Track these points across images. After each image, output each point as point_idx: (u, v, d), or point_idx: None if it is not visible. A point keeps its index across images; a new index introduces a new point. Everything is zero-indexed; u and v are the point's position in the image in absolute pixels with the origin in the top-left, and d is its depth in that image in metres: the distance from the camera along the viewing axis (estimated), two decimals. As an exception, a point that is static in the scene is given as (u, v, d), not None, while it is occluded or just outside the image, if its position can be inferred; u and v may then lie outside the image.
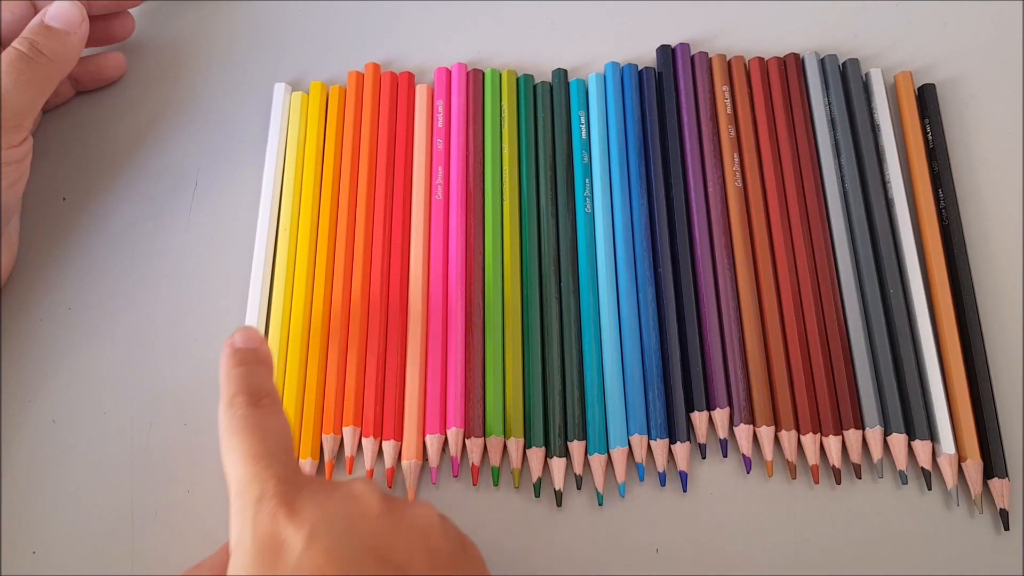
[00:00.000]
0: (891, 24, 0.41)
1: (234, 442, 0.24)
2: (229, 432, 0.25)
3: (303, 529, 0.22)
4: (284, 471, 0.24)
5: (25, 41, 0.32)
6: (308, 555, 0.22)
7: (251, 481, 0.23)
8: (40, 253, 0.36)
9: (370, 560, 0.22)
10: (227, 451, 0.24)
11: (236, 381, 0.26)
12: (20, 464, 0.32)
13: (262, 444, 0.24)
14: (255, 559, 0.22)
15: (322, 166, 0.36)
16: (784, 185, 0.36)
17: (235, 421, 0.25)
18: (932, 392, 0.32)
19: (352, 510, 0.23)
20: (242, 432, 0.24)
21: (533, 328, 0.33)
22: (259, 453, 0.24)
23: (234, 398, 0.25)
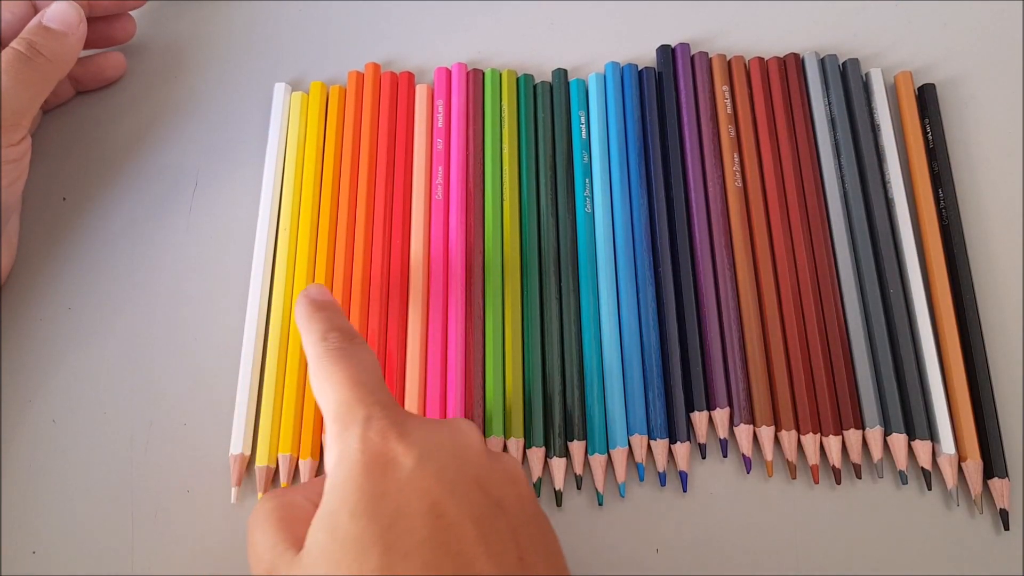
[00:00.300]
0: (891, 24, 0.41)
1: (332, 369, 0.25)
2: (326, 361, 0.26)
3: (413, 450, 0.23)
4: (387, 399, 0.25)
5: (23, 41, 0.32)
6: (418, 473, 0.23)
7: (356, 404, 0.24)
8: (40, 253, 0.36)
9: (474, 489, 0.23)
10: (323, 378, 0.25)
11: (326, 320, 0.27)
12: (20, 464, 0.32)
13: (363, 373, 0.25)
14: (365, 471, 0.23)
15: (322, 166, 0.36)
16: (784, 185, 0.36)
17: (332, 352, 0.26)
18: (932, 392, 0.32)
19: (458, 442, 0.24)
20: (341, 361, 0.25)
21: (533, 328, 0.33)
22: (361, 380, 0.25)
23: (327, 333, 0.27)
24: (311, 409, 0.32)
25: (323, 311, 0.28)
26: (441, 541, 0.22)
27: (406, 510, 0.22)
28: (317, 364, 0.26)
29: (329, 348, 0.26)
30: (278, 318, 0.33)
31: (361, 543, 0.22)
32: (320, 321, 0.27)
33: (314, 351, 0.26)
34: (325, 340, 0.26)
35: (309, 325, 0.27)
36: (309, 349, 0.27)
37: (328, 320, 0.27)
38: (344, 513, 0.22)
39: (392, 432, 0.23)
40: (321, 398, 0.25)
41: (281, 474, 0.31)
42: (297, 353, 0.33)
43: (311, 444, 0.31)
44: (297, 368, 0.32)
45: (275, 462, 0.31)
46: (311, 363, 0.26)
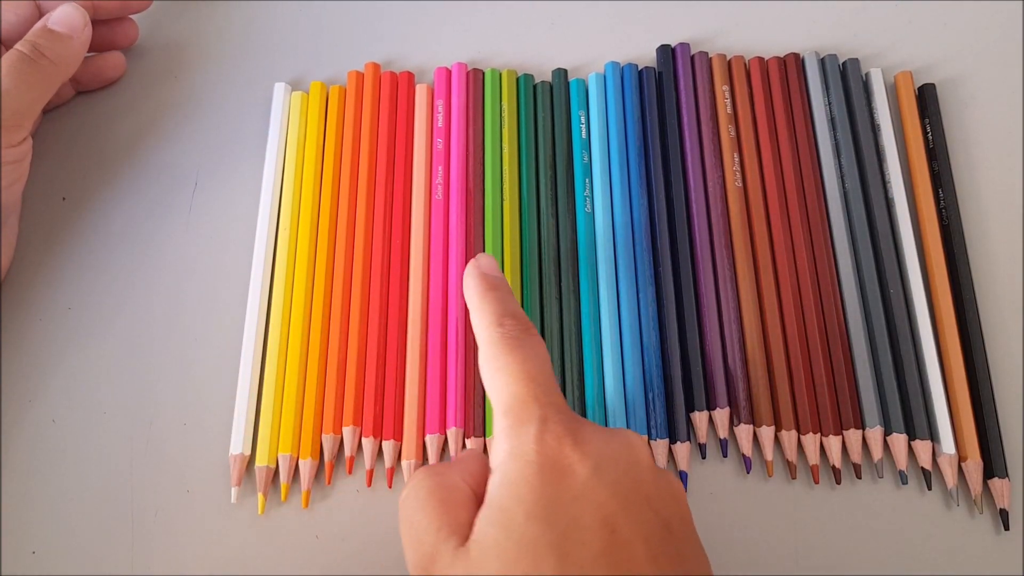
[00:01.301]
0: (891, 24, 0.41)
1: (509, 359, 0.25)
2: (503, 349, 0.25)
3: (588, 460, 0.23)
4: (561, 402, 0.24)
5: (28, 44, 0.33)
6: (593, 484, 0.22)
7: (530, 402, 0.24)
8: (40, 253, 0.36)
9: (645, 507, 0.23)
10: (497, 367, 0.25)
11: (502, 303, 0.26)
12: (20, 464, 0.32)
13: (539, 369, 0.25)
14: (540, 474, 0.22)
15: (322, 166, 0.36)
16: (784, 185, 0.36)
17: (510, 340, 0.25)
18: (932, 392, 0.32)
19: (629, 457, 0.24)
20: (519, 352, 0.25)
21: (533, 328, 0.33)
22: (537, 377, 0.24)
23: (503, 319, 0.26)
24: (311, 409, 0.32)
25: (496, 291, 0.27)
26: (614, 558, 0.21)
27: (581, 521, 0.22)
28: (492, 349, 0.25)
29: (505, 335, 0.25)
30: (278, 318, 0.33)
31: (536, 547, 0.21)
32: (495, 303, 0.26)
33: (487, 335, 0.26)
34: (501, 326, 0.26)
35: (482, 305, 0.27)
36: (482, 331, 0.26)
37: (503, 303, 0.27)
38: (519, 513, 0.22)
39: (568, 438, 0.23)
40: (491, 387, 0.25)
41: (281, 474, 0.31)
42: (296, 353, 0.33)
43: (311, 444, 0.31)
44: (297, 368, 0.32)
45: (275, 462, 0.31)
46: (483, 347, 0.26)
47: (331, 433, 0.32)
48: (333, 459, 0.32)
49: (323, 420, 0.32)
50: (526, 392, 0.24)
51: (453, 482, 0.24)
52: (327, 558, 0.30)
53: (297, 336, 0.33)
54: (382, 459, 0.32)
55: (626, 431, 0.25)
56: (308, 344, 0.33)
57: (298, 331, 0.33)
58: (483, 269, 0.28)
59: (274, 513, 0.31)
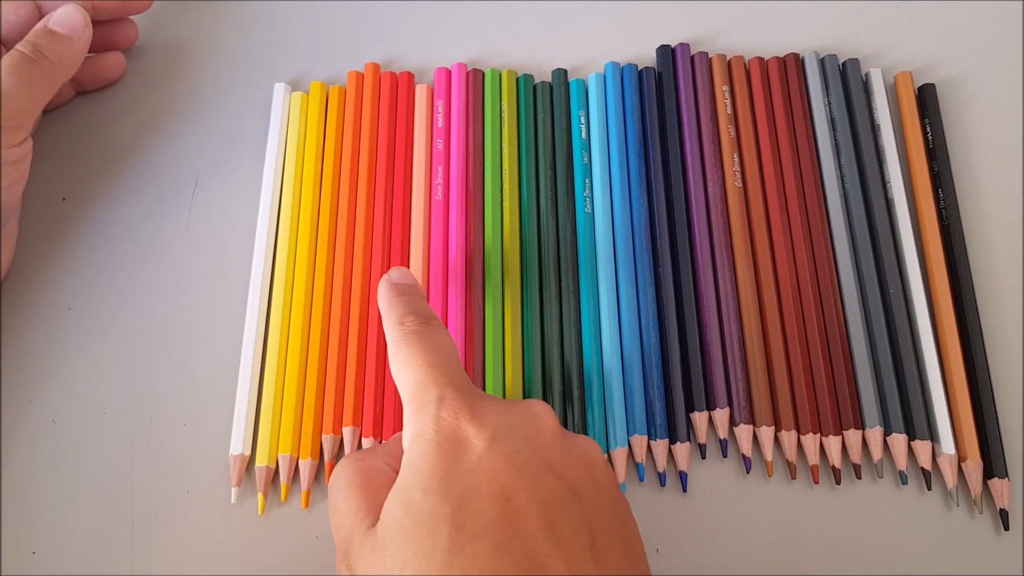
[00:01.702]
0: (891, 24, 0.41)
1: (408, 351, 0.26)
2: (403, 343, 0.26)
3: (484, 431, 0.24)
4: (461, 380, 0.25)
5: (28, 44, 0.33)
6: (489, 455, 0.23)
7: (430, 384, 0.25)
8: (40, 253, 0.36)
9: (545, 472, 0.23)
10: (400, 360, 0.26)
11: (404, 304, 0.28)
12: (20, 464, 0.32)
13: (438, 355, 0.26)
14: (438, 450, 0.23)
15: (322, 166, 0.36)
16: (784, 185, 0.36)
17: (409, 335, 0.27)
18: (932, 392, 0.32)
19: (530, 425, 0.25)
20: (417, 343, 0.26)
21: (533, 328, 0.33)
22: (436, 362, 0.26)
23: (404, 317, 0.27)
24: (311, 409, 0.32)
25: (402, 295, 0.29)
26: (509, 524, 0.22)
27: (476, 491, 0.23)
28: (395, 346, 0.27)
29: (406, 331, 0.27)
30: (278, 318, 0.33)
31: (432, 519, 0.22)
32: (398, 305, 0.28)
33: (392, 334, 0.27)
34: (402, 324, 0.27)
35: (389, 309, 0.28)
36: (388, 332, 0.27)
37: (407, 304, 0.28)
38: (417, 490, 0.23)
39: (465, 413, 0.24)
40: (399, 379, 0.26)
41: (281, 474, 0.31)
42: (296, 353, 0.33)
43: (311, 444, 0.31)
44: (297, 368, 0.32)
45: (275, 462, 0.31)
46: (390, 346, 0.27)
47: (331, 433, 0.32)
48: (333, 459, 0.32)
49: (323, 420, 0.32)
50: (426, 376, 0.25)
51: (375, 466, 0.26)
52: (327, 558, 0.30)
53: (297, 336, 0.33)
54: (382, 459, 0.32)
55: (531, 401, 0.26)
56: (308, 344, 0.33)
57: (298, 331, 0.33)
58: (392, 279, 0.30)
59: (274, 513, 0.31)
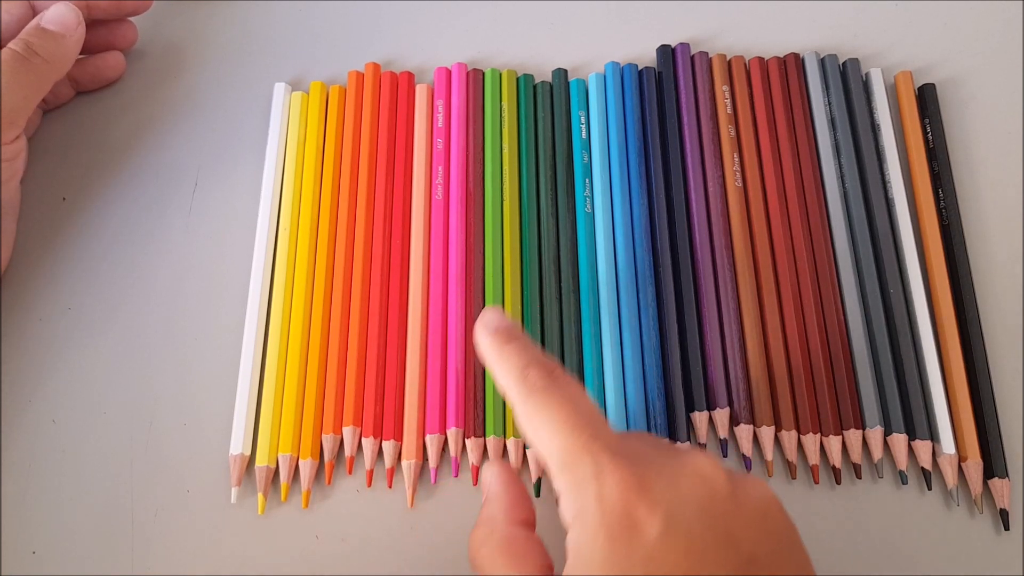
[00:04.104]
0: (891, 24, 0.41)
1: (544, 414, 0.23)
2: (534, 402, 0.24)
3: (657, 512, 0.21)
4: (614, 442, 0.23)
5: (21, 42, 0.33)
6: (665, 543, 0.21)
7: (581, 451, 0.22)
8: (39, 253, 0.36)
9: (724, 550, 0.22)
10: (535, 422, 0.24)
11: (519, 354, 0.25)
12: (20, 464, 0.32)
13: (580, 415, 0.23)
14: (608, 537, 0.21)
15: (322, 166, 0.36)
16: (784, 185, 0.36)
17: (539, 392, 0.24)
18: (932, 392, 0.32)
19: (702, 492, 0.22)
20: (551, 403, 0.24)
21: (533, 328, 0.33)
22: (578, 423, 0.23)
23: (526, 370, 0.24)
24: (311, 409, 0.32)
25: (511, 342, 0.26)
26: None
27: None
28: (524, 405, 0.24)
29: (534, 387, 0.24)
30: (278, 318, 0.33)
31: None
32: (514, 355, 0.25)
33: (517, 391, 0.24)
34: (526, 379, 0.24)
35: (501, 362, 0.25)
36: (509, 388, 0.25)
37: (519, 354, 0.25)
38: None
39: (632, 489, 0.22)
40: (537, 442, 0.24)
41: (281, 474, 0.31)
42: (296, 353, 0.33)
43: (311, 444, 0.31)
44: (297, 368, 0.32)
45: (275, 462, 0.31)
46: (516, 404, 0.24)
47: (331, 433, 0.32)
48: (333, 459, 0.32)
49: (323, 420, 0.32)
50: (573, 444, 0.23)
51: (515, 535, 0.25)
52: (327, 558, 0.30)
53: (297, 336, 0.33)
54: (382, 459, 0.32)
55: (693, 455, 0.23)
56: (308, 344, 0.33)
57: (298, 331, 0.33)
58: (491, 326, 0.27)
59: (274, 513, 0.31)
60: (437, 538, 0.31)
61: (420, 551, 0.30)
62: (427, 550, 0.30)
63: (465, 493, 0.31)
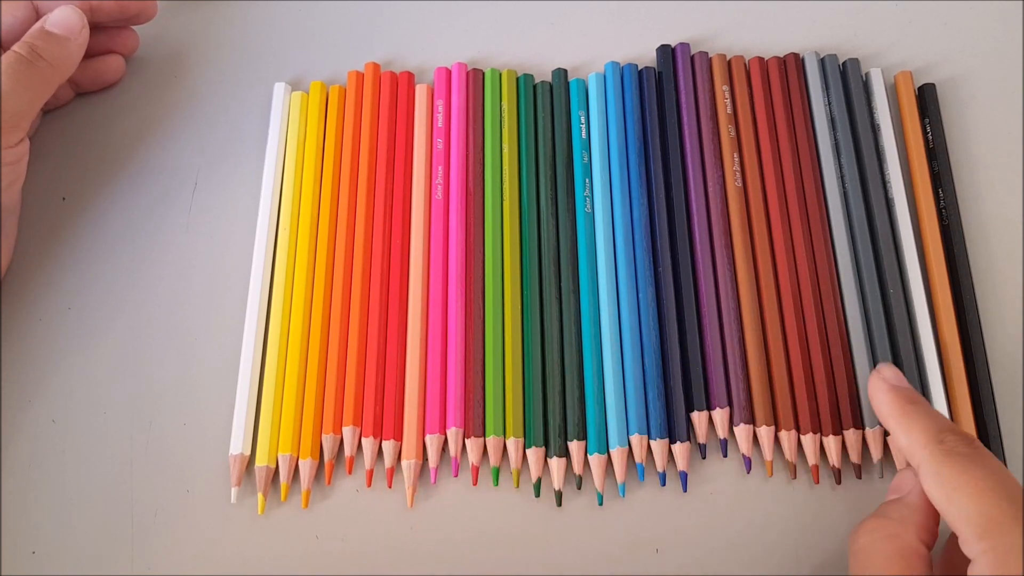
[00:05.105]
0: (891, 24, 0.41)
1: (965, 479, 0.24)
2: (952, 468, 0.24)
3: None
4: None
5: (25, 45, 0.33)
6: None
7: (1010, 523, 0.23)
8: (40, 253, 0.36)
9: None
10: (955, 487, 0.24)
11: (932, 418, 0.26)
12: (20, 464, 0.32)
13: (1004, 484, 0.24)
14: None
15: (322, 166, 0.36)
16: (784, 185, 0.36)
17: (959, 458, 0.25)
18: (932, 392, 0.32)
19: None
20: (973, 469, 0.24)
21: (533, 328, 0.33)
22: (1007, 493, 0.23)
23: (941, 434, 0.25)
24: (311, 409, 0.32)
25: (918, 403, 0.27)
26: None
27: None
28: (940, 469, 0.25)
29: (954, 452, 0.25)
30: (278, 318, 0.33)
31: None
32: (925, 418, 0.26)
33: (931, 452, 0.25)
34: (942, 443, 0.25)
35: (909, 422, 0.27)
36: (920, 448, 0.25)
37: (933, 417, 0.26)
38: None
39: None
40: (952, 505, 0.24)
41: (281, 474, 0.31)
42: (296, 353, 0.33)
43: (311, 444, 0.31)
44: (297, 368, 0.32)
45: (275, 462, 0.31)
46: (927, 465, 0.25)
47: (331, 433, 0.32)
48: (333, 459, 0.32)
49: (323, 420, 0.32)
50: (1001, 512, 0.23)
51: (912, 546, 0.25)
52: (327, 558, 0.30)
53: (297, 336, 0.33)
54: (382, 459, 0.32)
55: None
56: (308, 344, 0.33)
57: (298, 331, 0.33)
58: (891, 382, 0.28)
59: (274, 513, 0.31)
60: (437, 538, 0.31)
61: (420, 551, 0.30)
62: (427, 550, 0.30)
63: (465, 493, 0.31)
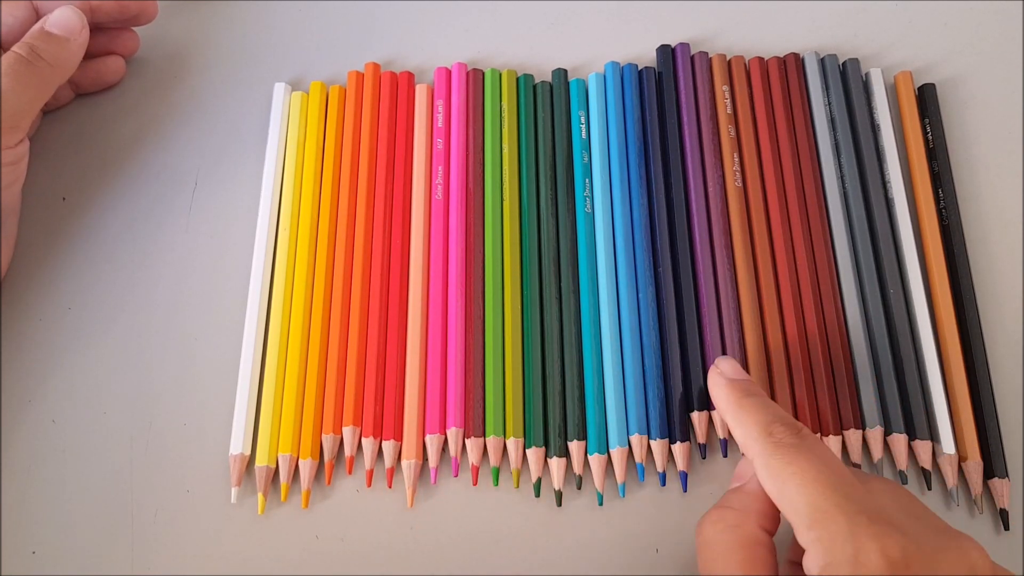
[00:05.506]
0: (891, 24, 0.41)
1: (793, 469, 0.24)
2: (780, 460, 0.24)
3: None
4: (867, 503, 0.23)
5: (25, 46, 0.33)
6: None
7: (834, 511, 0.23)
8: (40, 253, 0.36)
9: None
10: (784, 478, 0.24)
11: (762, 409, 0.26)
12: (20, 464, 0.32)
13: (829, 472, 0.24)
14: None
15: (322, 166, 0.36)
16: (784, 185, 0.36)
17: (786, 449, 0.25)
18: (932, 392, 0.32)
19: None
20: (799, 459, 0.24)
21: (533, 328, 0.33)
22: (830, 481, 0.23)
23: (771, 426, 0.25)
24: (311, 409, 0.32)
25: (750, 396, 0.27)
26: None
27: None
28: (769, 462, 0.25)
29: (781, 443, 0.25)
30: (278, 318, 0.33)
31: None
32: (756, 410, 0.26)
33: (762, 445, 0.25)
34: (770, 435, 0.25)
35: (742, 415, 0.27)
36: (752, 441, 0.26)
37: (765, 409, 0.26)
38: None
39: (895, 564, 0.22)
40: (782, 496, 0.24)
41: (281, 474, 0.31)
42: (296, 353, 0.33)
43: (311, 444, 0.31)
44: (297, 368, 0.32)
45: (275, 462, 0.31)
46: (758, 458, 0.25)
47: (331, 433, 0.32)
48: (333, 459, 0.32)
49: (323, 420, 0.32)
50: (825, 500, 0.23)
51: (754, 535, 0.25)
52: (327, 558, 0.30)
53: (297, 336, 0.33)
54: (382, 459, 0.32)
55: (963, 542, 0.23)
56: (308, 344, 0.33)
57: (298, 331, 0.33)
58: (728, 375, 0.28)
59: (274, 513, 0.31)
60: (437, 538, 0.31)
61: (420, 551, 0.30)
62: (427, 550, 0.30)
63: (466, 493, 0.31)
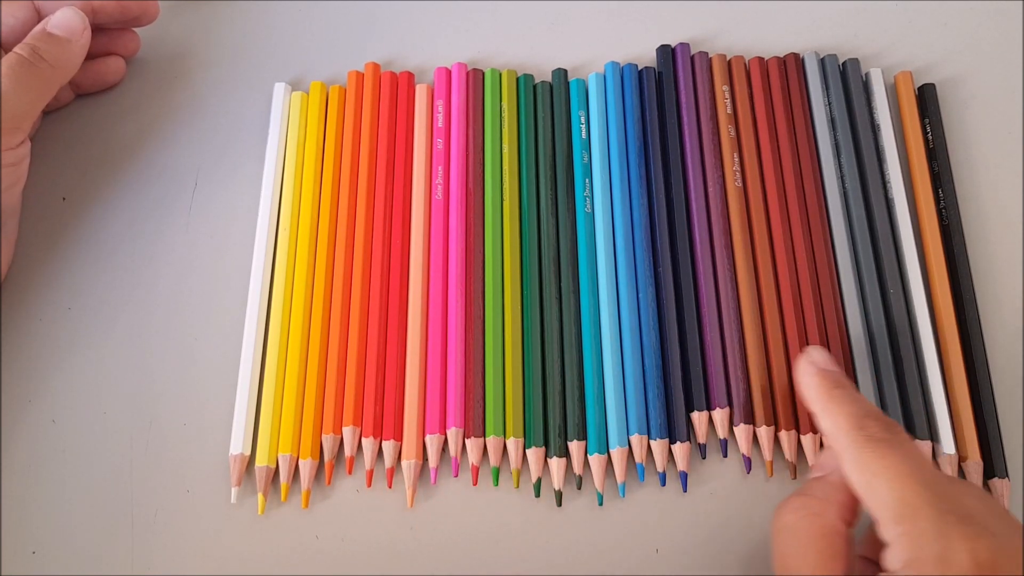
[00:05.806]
0: (891, 24, 0.41)
1: (883, 464, 0.24)
2: (872, 454, 0.24)
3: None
4: (957, 503, 0.23)
5: (27, 47, 0.33)
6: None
7: (923, 507, 0.23)
8: (40, 253, 0.36)
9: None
10: (873, 472, 0.24)
11: (854, 402, 0.26)
12: (20, 464, 0.32)
13: (920, 469, 0.24)
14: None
15: (322, 166, 0.36)
16: (784, 185, 0.36)
17: (877, 444, 0.24)
18: (932, 392, 0.32)
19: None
20: (891, 455, 0.24)
21: (533, 328, 0.33)
22: (921, 480, 0.23)
23: (863, 420, 0.25)
24: (311, 409, 0.32)
25: (842, 388, 0.27)
26: None
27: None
28: (860, 455, 0.25)
29: (874, 438, 0.25)
30: (278, 318, 0.33)
31: None
32: (848, 402, 0.26)
33: (852, 438, 0.25)
34: (863, 428, 0.25)
35: (832, 406, 0.26)
36: (842, 433, 0.25)
37: (856, 402, 0.26)
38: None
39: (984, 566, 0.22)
40: (870, 490, 0.24)
41: (281, 474, 0.31)
42: (296, 353, 0.33)
43: (311, 444, 0.31)
44: (297, 368, 0.32)
45: (275, 462, 0.31)
46: (848, 451, 0.25)
47: (331, 433, 0.32)
48: (333, 459, 0.32)
49: (323, 420, 0.32)
50: (915, 497, 0.23)
51: (833, 526, 0.25)
52: (327, 558, 0.30)
53: (297, 336, 0.33)
54: (382, 459, 0.32)
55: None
56: (308, 344, 0.33)
57: (298, 331, 0.33)
58: (819, 364, 0.28)
59: (274, 513, 0.31)
60: (437, 538, 0.31)
61: (420, 551, 0.30)
62: (427, 550, 0.31)
63: (466, 493, 0.31)
